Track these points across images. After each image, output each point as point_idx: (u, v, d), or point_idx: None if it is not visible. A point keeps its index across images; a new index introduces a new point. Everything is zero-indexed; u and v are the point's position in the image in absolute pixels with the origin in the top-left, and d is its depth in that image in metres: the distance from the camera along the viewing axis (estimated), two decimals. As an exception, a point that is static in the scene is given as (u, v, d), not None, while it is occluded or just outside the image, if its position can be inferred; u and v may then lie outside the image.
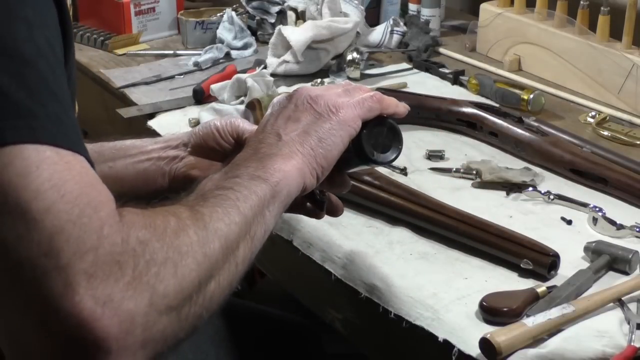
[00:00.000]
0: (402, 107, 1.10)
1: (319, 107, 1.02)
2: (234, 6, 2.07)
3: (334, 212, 1.14)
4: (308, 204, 1.12)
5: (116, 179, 1.19)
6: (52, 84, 0.81)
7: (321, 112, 1.02)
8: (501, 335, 1.00)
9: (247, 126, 1.18)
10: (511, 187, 1.38)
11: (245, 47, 1.97)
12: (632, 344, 1.02)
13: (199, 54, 1.93)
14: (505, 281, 1.15)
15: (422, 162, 1.47)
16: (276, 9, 2.01)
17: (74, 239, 0.76)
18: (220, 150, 1.18)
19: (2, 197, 0.75)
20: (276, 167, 0.97)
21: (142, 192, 1.20)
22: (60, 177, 0.77)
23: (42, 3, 0.84)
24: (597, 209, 1.29)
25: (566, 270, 1.16)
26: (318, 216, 1.14)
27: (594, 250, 1.19)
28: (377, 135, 1.04)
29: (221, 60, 1.92)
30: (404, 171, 1.43)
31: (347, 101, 1.03)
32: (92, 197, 0.78)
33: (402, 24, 2.00)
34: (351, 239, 1.25)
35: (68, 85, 0.87)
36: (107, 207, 0.79)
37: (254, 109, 1.51)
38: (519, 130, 1.49)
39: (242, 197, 0.92)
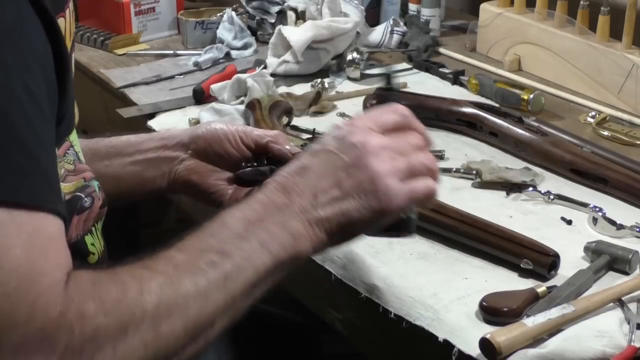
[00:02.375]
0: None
1: (378, 192, 0.92)
2: (234, 6, 2.07)
3: None
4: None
5: (113, 178, 1.18)
6: (21, 134, 0.77)
7: (377, 198, 0.92)
8: (501, 335, 1.00)
9: (262, 131, 1.15)
10: (511, 187, 1.38)
11: (245, 47, 1.97)
12: (632, 344, 1.02)
13: (199, 54, 1.93)
14: (505, 281, 1.15)
15: (422, 162, 1.47)
16: (276, 9, 2.01)
17: (5, 313, 0.73)
18: (225, 157, 1.16)
19: None
20: (293, 244, 0.90)
21: (139, 192, 1.19)
22: (4, 243, 0.74)
23: (28, 43, 0.81)
24: (597, 209, 1.29)
25: (566, 270, 1.16)
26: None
27: (594, 250, 1.19)
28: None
29: (221, 60, 1.92)
30: (404, 171, 1.43)
31: (404, 190, 0.94)
32: (36, 265, 0.75)
33: (402, 24, 2.00)
34: (351, 239, 1.25)
35: (63, 107, 0.85)
36: (50, 276, 0.76)
37: (254, 109, 1.51)
38: (519, 130, 1.49)
39: (236, 271, 0.86)
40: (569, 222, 1.30)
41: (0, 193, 0.75)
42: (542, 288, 1.11)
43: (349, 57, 1.82)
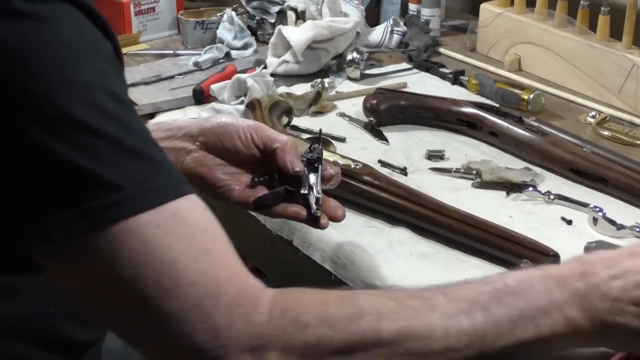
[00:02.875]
0: None
1: None
2: (234, 6, 2.07)
3: (335, 219, 1.10)
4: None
5: None
6: (125, 140, 0.79)
7: None
8: (501, 336, 1.00)
9: (274, 135, 1.15)
10: (511, 187, 1.38)
11: (245, 47, 1.97)
12: (632, 344, 1.02)
13: (199, 54, 1.93)
14: (506, 281, 1.15)
15: (422, 162, 1.47)
16: (276, 9, 2.01)
17: (213, 325, 0.76)
18: (234, 153, 1.16)
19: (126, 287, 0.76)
20: (562, 331, 0.84)
21: None
22: (171, 259, 0.77)
23: (96, 51, 0.83)
24: (597, 209, 1.29)
25: (566, 270, 1.16)
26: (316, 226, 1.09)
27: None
28: None
29: (221, 60, 1.92)
30: (404, 171, 1.43)
31: None
32: (211, 274, 0.78)
33: (402, 24, 2.00)
34: (351, 239, 1.25)
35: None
36: (232, 284, 0.79)
37: (254, 109, 1.51)
38: (519, 130, 1.49)
39: (495, 334, 0.82)
40: (569, 222, 1.30)
41: (134, 206, 0.77)
42: (542, 288, 1.11)
43: (349, 57, 1.82)
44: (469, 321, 0.81)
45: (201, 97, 1.72)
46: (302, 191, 1.09)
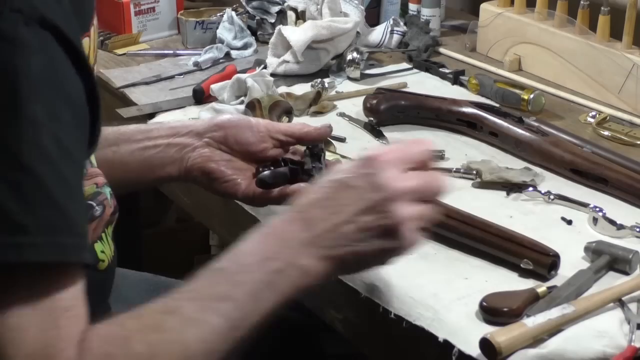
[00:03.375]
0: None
1: (398, 239, 0.95)
2: (234, 6, 2.07)
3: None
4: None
5: (121, 164, 1.17)
6: (52, 188, 0.79)
7: (395, 243, 0.96)
8: (501, 336, 1.00)
9: (291, 124, 1.15)
10: (511, 187, 1.38)
11: (245, 47, 1.97)
12: (632, 344, 1.02)
13: (199, 54, 1.92)
14: (505, 281, 1.15)
15: (422, 162, 1.47)
16: (276, 9, 2.01)
17: None
18: (245, 146, 1.16)
19: None
20: (302, 281, 0.94)
21: (146, 179, 1.18)
22: (20, 325, 0.79)
23: (58, 90, 0.82)
24: (598, 209, 1.28)
25: (566, 271, 1.16)
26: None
27: (594, 250, 1.19)
28: None
29: (221, 60, 1.92)
30: (404, 171, 1.43)
31: (419, 234, 0.98)
32: (50, 346, 0.80)
33: (402, 24, 1.99)
34: (351, 239, 1.25)
35: (96, 133, 0.87)
36: (64, 354, 0.80)
37: (254, 109, 1.51)
38: (519, 130, 1.49)
39: (243, 318, 0.90)
40: (569, 222, 1.30)
41: (30, 254, 0.78)
42: (542, 288, 1.11)
43: (349, 57, 1.81)
44: (217, 318, 0.88)
45: (201, 97, 1.72)
46: (306, 167, 1.10)
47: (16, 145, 0.77)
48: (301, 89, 1.74)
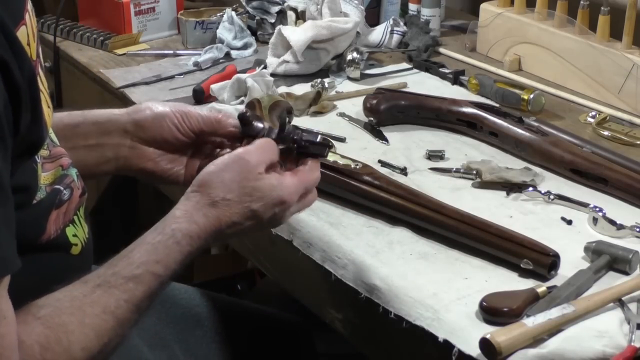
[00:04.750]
0: None
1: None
2: (234, 6, 2.07)
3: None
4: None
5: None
6: None
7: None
8: (501, 336, 1.00)
9: (206, 112, 1.19)
10: (511, 187, 1.38)
11: (245, 47, 1.97)
12: (632, 344, 1.02)
13: (199, 54, 1.92)
14: (505, 281, 1.15)
15: (422, 162, 1.47)
16: (276, 9, 2.01)
17: None
18: (172, 142, 1.19)
19: None
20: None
21: (83, 175, 1.18)
22: None
23: None
24: (597, 209, 1.29)
25: (566, 270, 1.16)
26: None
27: (594, 250, 1.19)
28: None
29: (221, 60, 1.92)
30: (404, 171, 1.43)
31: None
32: None
33: (402, 24, 2.00)
34: (351, 239, 1.25)
35: (36, 132, 0.89)
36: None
37: (254, 109, 1.51)
38: (519, 130, 1.49)
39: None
40: (569, 222, 1.30)
41: None
42: (542, 288, 1.11)
43: (349, 57, 1.82)
44: (113, 320, 0.95)
45: (201, 97, 1.72)
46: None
47: None
48: (301, 89, 1.74)
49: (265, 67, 1.80)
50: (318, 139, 1.12)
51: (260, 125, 1.16)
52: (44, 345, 0.89)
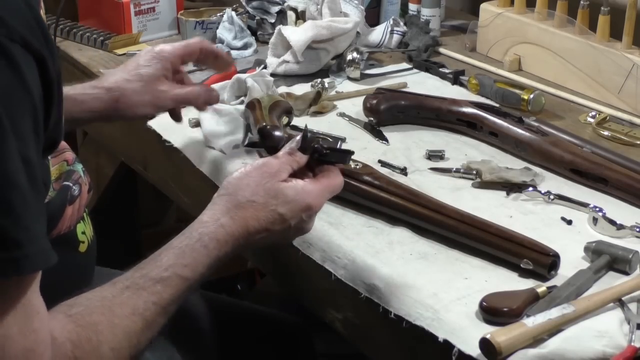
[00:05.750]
0: None
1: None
2: (234, 6, 2.07)
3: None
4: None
5: None
6: (33, 199, 0.82)
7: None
8: (501, 336, 1.00)
9: (177, 44, 1.33)
10: (511, 187, 1.38)
11: (245, 47, 1.97)
12: (632, 344, 1.02)
13: (199, 54, 1.92)
14: (505, 281, 1.15)
15: (422, 162, 1.47)
16: (276, 9, 2.01)
17: None
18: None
19: None
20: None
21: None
22: (4, 334, 0.82)
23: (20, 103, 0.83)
24: (597, 209, 1.29)
25: (566, 270, 1.16)
26: None
27: (594, 250, 1.19)
28: None
29: (221, 60, 1.92)
30: (404, 171, 1.43)
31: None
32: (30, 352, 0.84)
33: (402, 24, 2.00)
34: (351, 239, 1.25)
35: (58, 129, 0.89)
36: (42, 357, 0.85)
37: (254, 109, 1.51)
38: (519, 130, 1.49)
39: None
40: (569, 222, 1.30)
41: (26, 267, 0.82)
42: (542, 288, 1.11)
43: (349, 57, 1.82)
44: (142, 322, 0.96)
45: (201, 97, 1.71)
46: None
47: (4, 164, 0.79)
48: (301, 89, 1.74)
49: (265, 67, 1.80)
50: (339, 146, 1.13)
51: (279, 134, 1.16)
52: (75, 342, 0.89)
